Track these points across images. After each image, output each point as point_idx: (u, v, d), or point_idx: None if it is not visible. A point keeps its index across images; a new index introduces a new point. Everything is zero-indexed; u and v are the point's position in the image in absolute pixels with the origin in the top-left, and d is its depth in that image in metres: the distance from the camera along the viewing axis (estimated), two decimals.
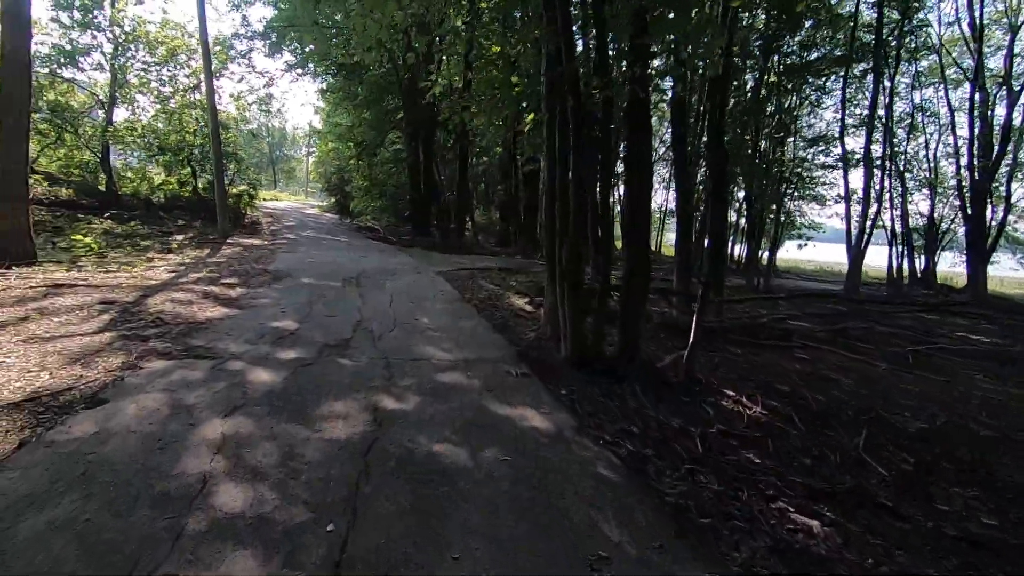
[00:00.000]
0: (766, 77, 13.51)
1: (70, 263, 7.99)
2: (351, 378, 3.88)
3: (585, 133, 5.11)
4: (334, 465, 2.61)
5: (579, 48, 5.92)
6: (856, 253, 15.15)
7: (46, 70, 12.60)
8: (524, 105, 7.05)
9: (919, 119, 19.81)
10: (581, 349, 5.18)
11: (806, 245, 14.28)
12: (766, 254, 18.41)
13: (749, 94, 12.92)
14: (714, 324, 8.00)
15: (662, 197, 27.11)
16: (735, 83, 11.19)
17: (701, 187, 13.71)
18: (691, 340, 5.33)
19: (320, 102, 23.10)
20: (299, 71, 17.83)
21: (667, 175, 24.31)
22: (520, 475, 2.71)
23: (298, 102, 79.89)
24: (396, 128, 19.20)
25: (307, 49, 15.44)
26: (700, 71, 9.12)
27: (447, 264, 11.62)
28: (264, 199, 27.85)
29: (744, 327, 8.29)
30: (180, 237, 11.88)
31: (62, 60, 12.70)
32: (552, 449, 3.10)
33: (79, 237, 8.60)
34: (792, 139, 18.24)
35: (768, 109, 14.01)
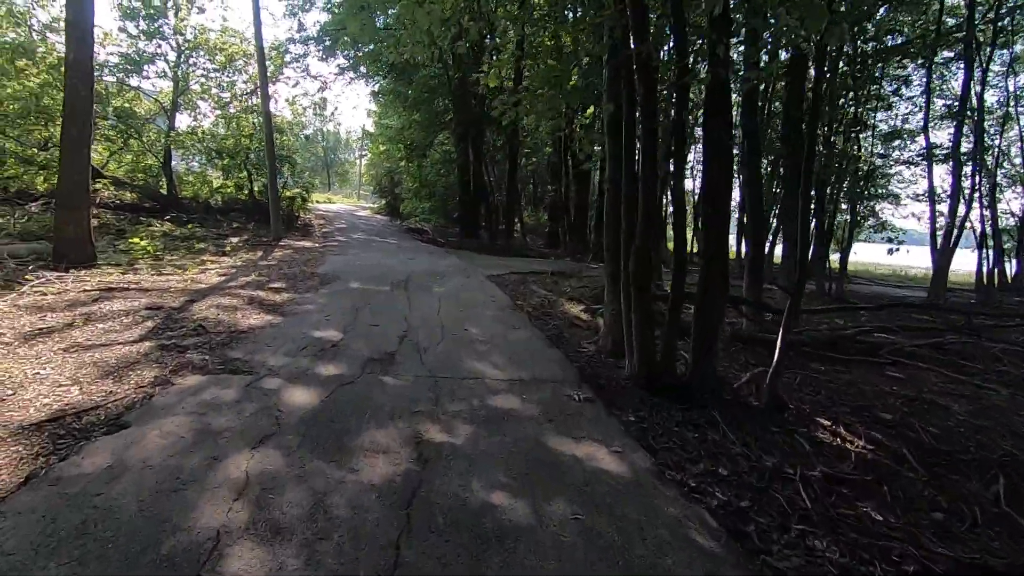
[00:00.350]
0: (841, 64, 12.29)
1: (127, 266, 8.08)
2: (394, 401, 3.46)
3: (657, 124, 4.51)
4: (370, 519, 2.16)
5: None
6: (942, 256, 13.59)
7: (113, 78, 13.12)
8: (579, 102, 6.49)
9: (1013, 109, 17.72)
10: (649, 367, 4.58)
11: (898, 249, 12.88)
12: (831, 257, 16.97)
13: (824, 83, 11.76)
14: (790, 337, 7.17)
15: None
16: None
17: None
18: (775, 358, 4.63)
19: (372, 105, 23.31)
20: (351, 74, 17.97)
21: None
22: (596, 541, 2.18)
23: (350, 105, 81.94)
24: (446, 129, 19.04)
25: (358, 52, 15.45)
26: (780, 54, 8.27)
27: (496, 267, 11.19)
28: (317, 201, 28.48)
29: (825, 340, 7.39)
30: (235, 240, 12.03)
31: (128, 68, 13.18)
32: (631, 502, 2.55)
33: (136, 240, 8.73)
34: (868, 133, 16.75)
35: (842, 99, 12.78)
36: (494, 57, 16.20)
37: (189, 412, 3.03)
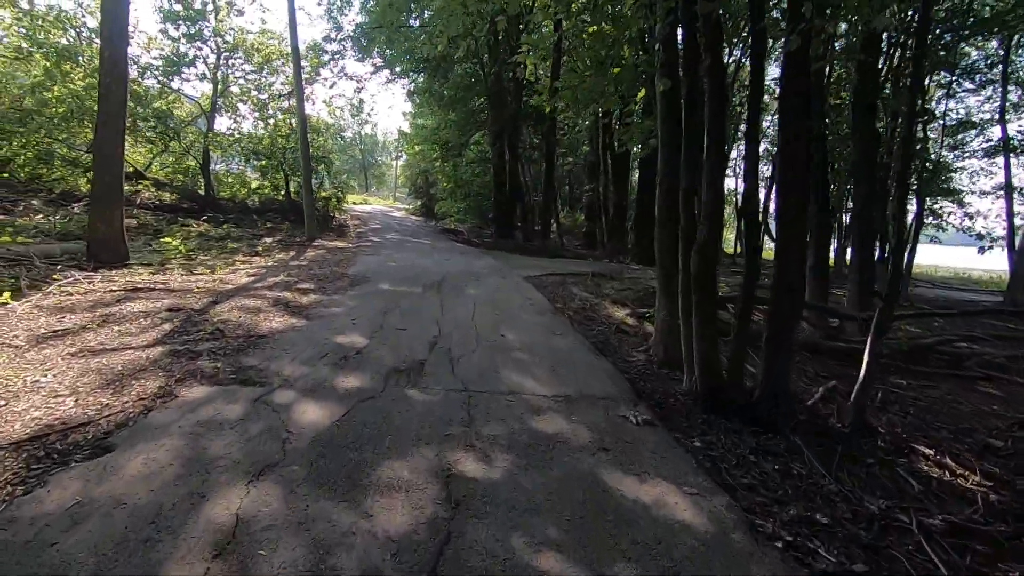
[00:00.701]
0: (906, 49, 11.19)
1: (158, 266, 7.94)
2: (421, 421, 2.96)
3: (725, 99, 3.88)
4: None
5: None
6: (1021, 258, 12.21)
7: (155, 81, 13.28)
8: (630, 83, 5.88)
9: None
10: (713, 382, 3.95)
11: (990, 248, 11.64)
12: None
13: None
14: (857, 345, 6.36)
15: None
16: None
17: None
18: (862, 373, 3.95)
19: (407, 105, 23.20)
20: (387, 73, 17.79)
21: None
22: None
23: (386, 104, 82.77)
24: (481, 128, 18.65)
25: (391, 53, 15.23)
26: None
27: (533, 268, 10.65)
28: (353, 202, 28.64)
29: (904, 350, 6.55)
30: (268, 240, 11.92)
31: (169, 71, 13.30)
32: (717, 567, 1.96)
33: (168, 240, 8.61)
34: (936, 123, 15.40)
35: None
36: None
37: (186, 432, 2.61)
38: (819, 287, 7.59)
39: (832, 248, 14.53)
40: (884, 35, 8.44)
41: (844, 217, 17.60)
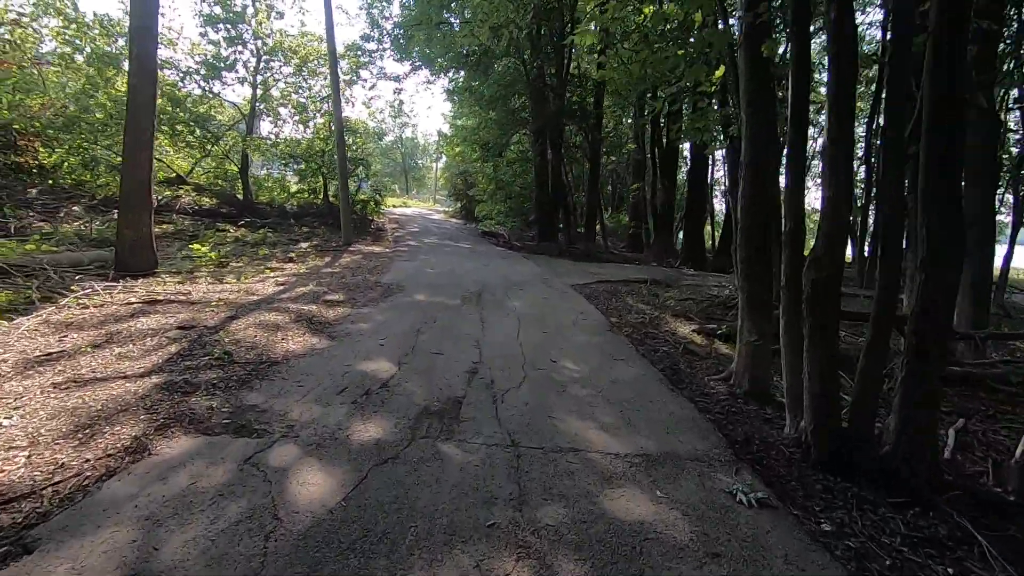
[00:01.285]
0: None
1: (187, 273, 7.56)
2: (455, 501, 2.19)
3: (855, 64, 2.94)
4: None
5: None
6: None
7: (194, 86, 13.18)
8: (707, 50, 4.97)
9: None
10: (834, 434, 3.03)
11: None
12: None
13: None
14: (980, 372, 5.26)
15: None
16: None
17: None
18: None
19: (447, 104, 22.74)
20: (427, 73, 17.28)
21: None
22: None
23: (425, 106, 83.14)
24: (522, 127, 17.90)
25: (430, 51, 14.69)
26: None
27: (579, 274, 9.79)
28: (393, 205, 28.47)
29: None
30: (304, 245, 11.54)
31: (210, 76, 13.18)
32: None
33: (197, 246, 8.25)
34: None
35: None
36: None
37: (141, 517, 1.93)
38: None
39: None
40: None
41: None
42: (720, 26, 5.55)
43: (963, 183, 4.08)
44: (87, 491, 2.11)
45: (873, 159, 13.60)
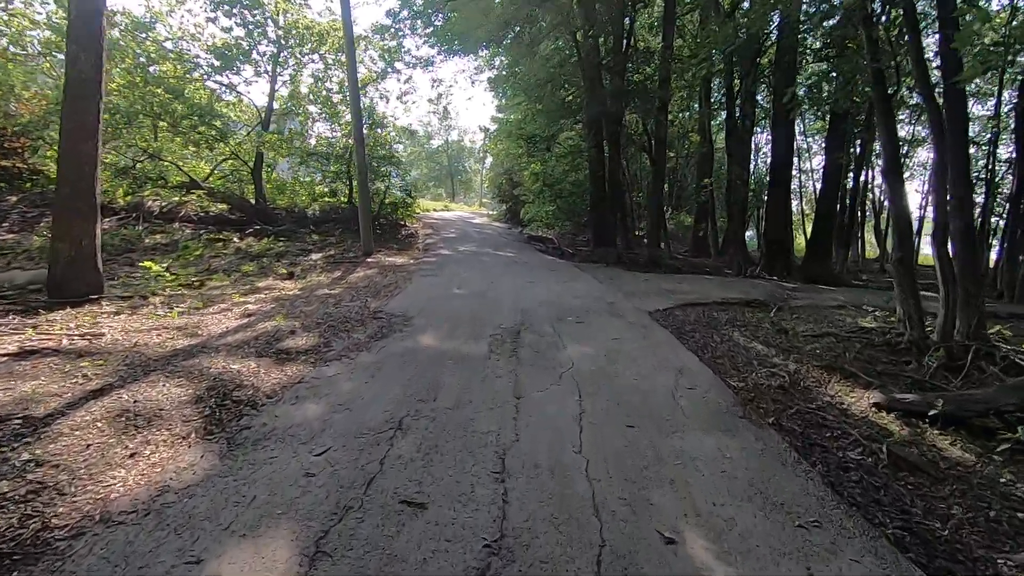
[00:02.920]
0: None
1: (141, 299, 5.78)
2: None
3: None
4: None
5: None
6: None
7: (200, 80, 11.65)
8: None
9: None
10: None
11: None
12: None
13: None
14: None
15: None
16: None
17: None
18: None
19: (488, 94, 20.69)
20: (467, 61, 15.27)
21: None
22: None
23: (465, 96, 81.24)
24: (572, 116, 15.53)
25: (464, 22, 12.60)
26: None
27: (655, 293, 7.35)
28: (434, 209, 26.74)
29: None
30: (317, 256, 9.71)
31: (223, 65, 11.62)
32: None
33: (150, 264, 6.44)
34: None
35: None
36: None
37: None
38: None
39: None
40: None
41: None
42: None
43: None
44: None
45: None
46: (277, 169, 15.70)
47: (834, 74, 10.47)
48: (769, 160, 16.40)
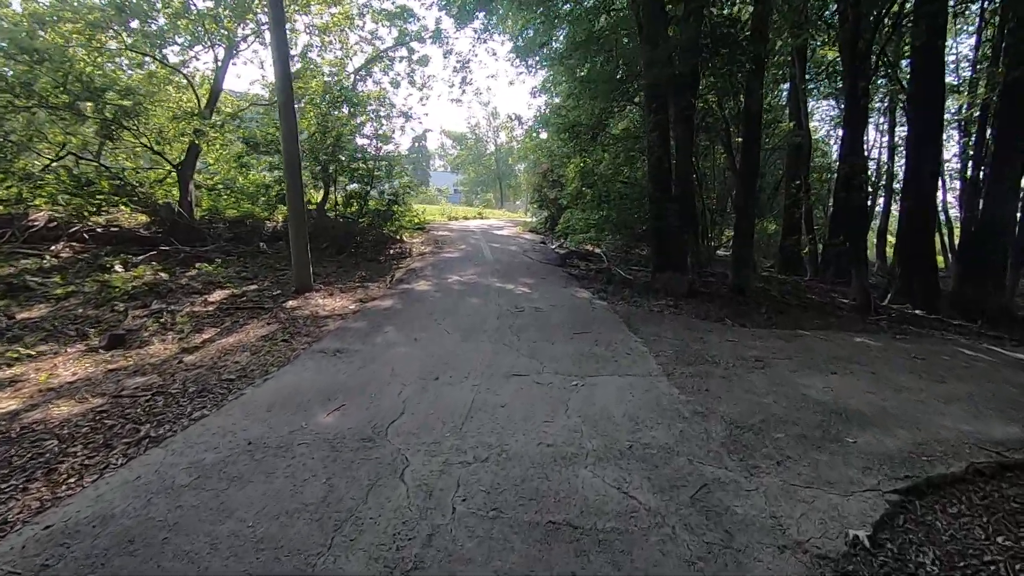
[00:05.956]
0: None
1: None
2: None
3: None
4: None
5: None
6: None
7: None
8: None
9: None
10: None
11: None
12: None
13: None
14: None
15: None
16: None
17: None
18: None
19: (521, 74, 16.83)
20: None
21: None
22: None
23: (486, 74, 77.34)
24: (625, 99, 11.28)
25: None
26: None
27: (788, 422, 3.21)
28: (465, 217, 23.12)
29: None
30: (221, 295, 6.24)
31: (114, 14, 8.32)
32: None
33: None
34: None
35: None
36: None
37: None
38: None
39: None
40: None
41: None
42: None
43: None
44: None
45: None
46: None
47: None
48: (905, 143, 11.44)
